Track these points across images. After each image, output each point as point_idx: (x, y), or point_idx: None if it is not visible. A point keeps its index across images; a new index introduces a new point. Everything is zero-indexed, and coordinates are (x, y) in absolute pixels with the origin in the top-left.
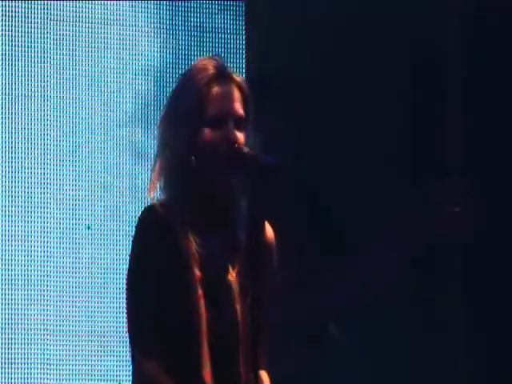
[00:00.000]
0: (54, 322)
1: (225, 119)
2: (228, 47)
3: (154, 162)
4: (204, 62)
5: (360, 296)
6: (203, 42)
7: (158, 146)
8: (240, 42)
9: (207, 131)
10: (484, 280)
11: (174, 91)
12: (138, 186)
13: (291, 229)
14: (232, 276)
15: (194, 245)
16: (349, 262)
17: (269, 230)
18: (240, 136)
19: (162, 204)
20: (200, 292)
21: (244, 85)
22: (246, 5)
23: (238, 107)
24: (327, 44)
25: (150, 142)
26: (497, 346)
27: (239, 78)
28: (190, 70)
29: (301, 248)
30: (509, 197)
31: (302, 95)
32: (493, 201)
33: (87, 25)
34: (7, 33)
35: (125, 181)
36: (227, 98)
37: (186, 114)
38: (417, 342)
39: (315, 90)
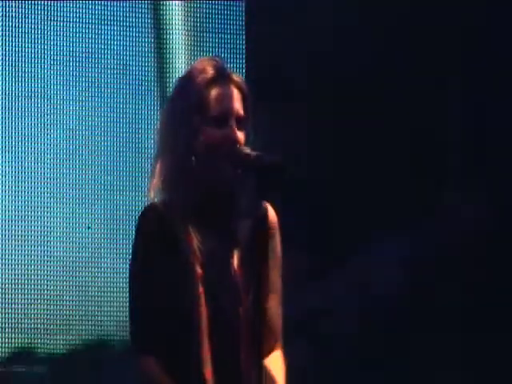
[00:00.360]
0: (54, 322)
1: (226, 119)
2: (228, 47)
3: (155, 163)
4: (203, 63)
5: (360, 296)
6: (203, 41)
7: (158, 146)
8: (240, 42)
9: (209, 131)
10: (484, 284)
11: (174, 92)
12: (138, 185)
13: (291, 229)
14: (234, 273)
15: (195, 242)
16: (349, 262)
17: (271, 214)
18: (241, 135)
19: (163, 203)
20: (201, 289)
21: (243, 85)
22: (246, 5)
23: (239, 107)
24: (327, 44)
25: (150, 142)
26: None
27: (238, 78)
28: (189, 72)
29: (301, 248)
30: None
31: (302, 95)
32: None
33: (87, 25)
34: (7, 33)
35: (125, 181)
36: (227, 98)
37: (186, 115)
38: (416, 343)
39: (315, 89)
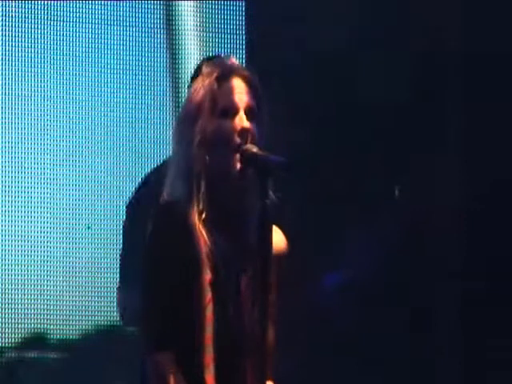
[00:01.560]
0: (54, 322)
1: (233, 112)
2: (228, 47)
3: (169, 162)
4: (213, 63)
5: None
6: (203, 42)
7: (172, 147)
8: (240, 42)
9: (219, 123)
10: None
11: (187, 95)
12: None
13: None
14: (243, 281)
15: (207, 245)
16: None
17: (277, 237)
18: (250, 125)
19: (177, 203)
20: (209, 296)
21: (252, 78)
22: (246, 5)
23: (247, 98)
24: (327, 43)
25: (150, 142)
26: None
27: (247, 72)
28: (199, 72)
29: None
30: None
31: (302, 95)
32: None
33: (87, 25)
34: (7, 33)
35: (125, 181)
36: (235, 90)
37: (197, 112)
38: (414, 342)
39: (315, 89)
